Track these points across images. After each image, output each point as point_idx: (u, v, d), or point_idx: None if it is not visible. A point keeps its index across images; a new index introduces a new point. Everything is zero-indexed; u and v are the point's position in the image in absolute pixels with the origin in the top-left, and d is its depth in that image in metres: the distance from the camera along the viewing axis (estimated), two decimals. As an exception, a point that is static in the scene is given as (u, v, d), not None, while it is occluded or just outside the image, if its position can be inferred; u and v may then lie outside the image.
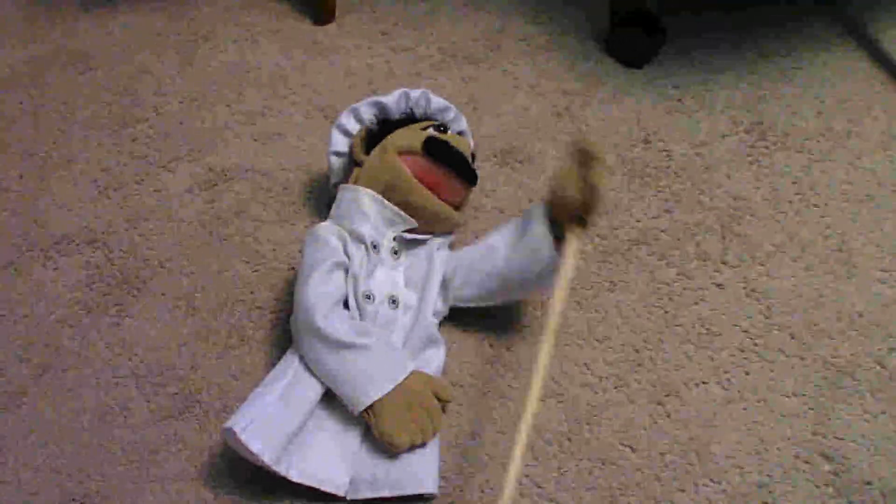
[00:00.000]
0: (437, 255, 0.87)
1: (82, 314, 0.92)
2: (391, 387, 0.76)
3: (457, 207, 0.91)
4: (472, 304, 0.86)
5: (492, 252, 0.84)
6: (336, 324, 0.77)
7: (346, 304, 0.82)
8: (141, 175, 1.04)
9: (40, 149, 1.10)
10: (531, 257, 0.80)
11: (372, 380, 0.76)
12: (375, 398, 0.75)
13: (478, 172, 0.91)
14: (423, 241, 0.88)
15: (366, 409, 0.76)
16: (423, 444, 0.76)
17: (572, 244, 0.78)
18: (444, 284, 0.85)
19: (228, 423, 0.73)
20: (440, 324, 0.86)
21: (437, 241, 0.89)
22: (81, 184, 1.05)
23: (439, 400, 0.78)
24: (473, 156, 0.92)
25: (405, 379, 0.76)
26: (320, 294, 0.79)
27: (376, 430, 0.75)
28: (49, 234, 0.99)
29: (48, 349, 0.89)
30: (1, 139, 1.12)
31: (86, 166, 1.07)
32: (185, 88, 1.15)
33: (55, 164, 1.07)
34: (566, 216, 0.78)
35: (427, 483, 0.75)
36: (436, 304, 0.84)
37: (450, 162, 0.88)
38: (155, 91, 1.15)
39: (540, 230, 0.80)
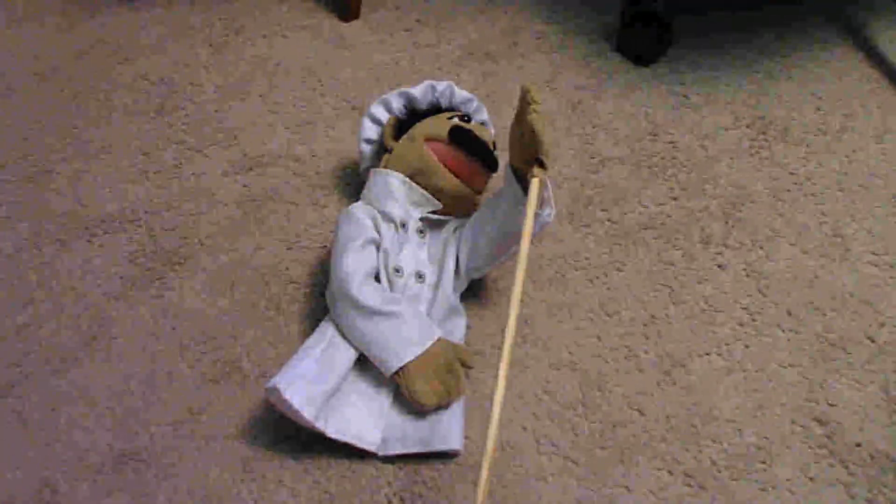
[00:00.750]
0: (452, 235, 0.93)
1: (127, 288, 0.98)
2: (420, 351, 0.82)
3: (479, 192, 0.98)
4: (486, 269, 0.91)
5: (482, 220, 0.90)
6: (369, 293, 0.84)
7: (377, 278, 0.88)
8: (179, 159, 1.11)
9: (83, 134, 1.16)
10: (510, 210, 0.85)
11: (403, 344, 0.82)
12: (406, 361, 0.82)
13: (498, 159, 0.98)
14: (445, 222, 0.94)
15: (397, 372, 0.82)
16: (448, 405, 0.83)
17: (534, 187, 0.80)
18: (458, 260, 0.92)
19: (272, 382, 0.79)
20: (462, 298, 0.92)
21: (457, 222, 0.95)
22: (123, 167, 1.11)
23: (463, 365, 0.84)
24: (494, 144, 0.99)
25: (432, 344, 0.83)
26: (355, 266, 0.85)
27: (406, 391, 0.82)
28: (93, 214, 1.06)
29: (96, 320, 0.95)
30: (45, 125, 1.18)
31: (126, 150, 1.13)
32: (219, 79, 1.21)
33: (97, 148, 1.14)
34: (521, 162, 0.83)
35: (453, 440, 0.81)
36: (454, 278, 0.91)
37: (473, 149, 0.94)
38: (190, 81, 1.21)
39: (508, 185, 0.86)
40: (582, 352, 0.89)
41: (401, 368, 0.82)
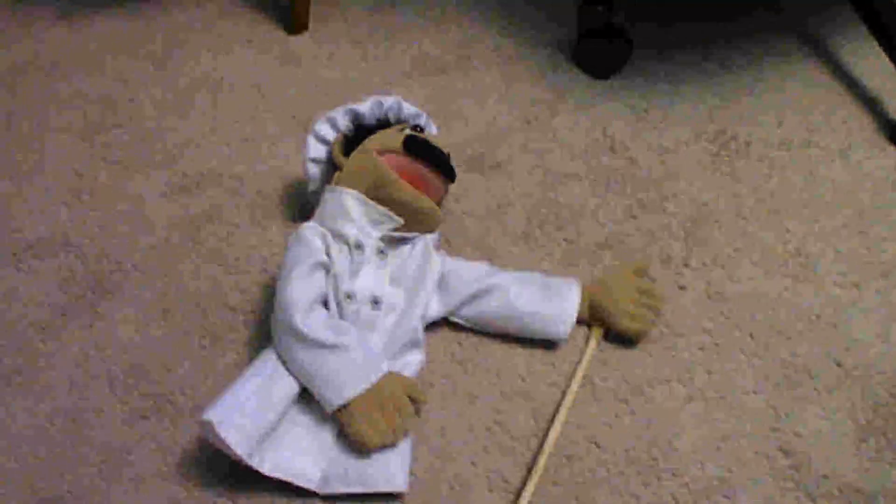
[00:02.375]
0: (434, 255, 0.88)
1: (55, 317, 0.92)
2: (364, 387, 0.77)
3: (437, 204, 0.93)
4: (466, 324, 0.88)
5: (508, 294, 0.87)
6: (313, 323, 0.79)
7: (326, 304, 0.83)
8: (115, 180, 1.05)
9: (13, 155, 1.10)
10: (546, 325, 0.86)
11: (346, 380, 0.77)
12: (348, 398, 0.76)
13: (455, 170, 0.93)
14: (409, 240, 0.89)
15: (338, 409, 0.77)
16: (393, 445, 0.77)
17: (593, 341, 0.87)
18: (444, 287, 0.87)
19: (206, 415, 0.74)
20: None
21: (428, 237, 0.89)
22: (55, 189, 1.05)
23: (412, 401, 0.79)
24: (448, 155, 0.94)
25: (379, 380, 0.78)
26: (299, 293, 0.80)
27: (348, 430, 0.76)
28: (22, 238, 1.00)
29: (21, 352, 0.89)
30: (-26, 145, 1.12)
31: (59, 172, 1.07)
32: (159, 96, 1.16)
33: (29, 169, 1.08)
34: (600, 323, 0.88)
35: (397, 481, 0.76)
36: (429, 305, 0.86)
37: (430, 157, 0.90)
38: (129, 98, 1.16)
39: (570, 309, 0.87)
40: (535, 379, 0.85)
41: (343, 405, 0.77)
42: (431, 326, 0.88)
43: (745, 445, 0.79)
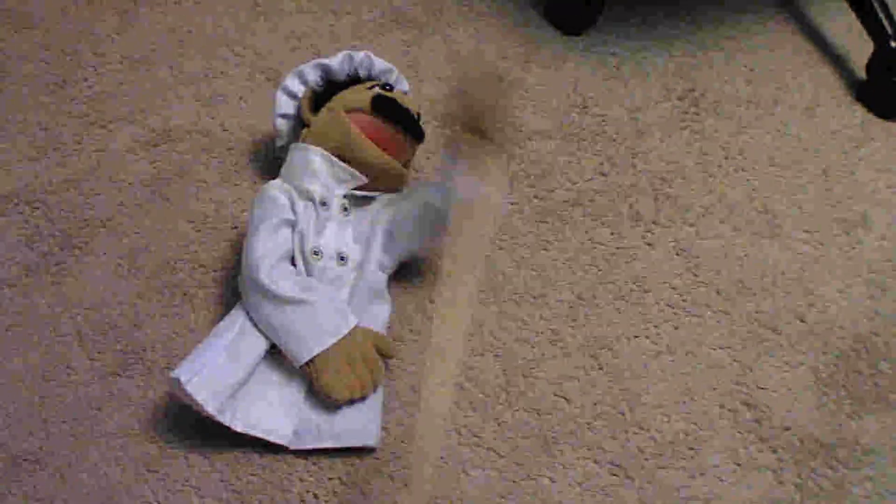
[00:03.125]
0: (380, 212, 0.88)
1: (23, 275, 0.91)
2: (332, 341, 0.77)
3: (405, 165, 0.93)
4: (420, 253, 0.89)
5: (417, 199, 0.88)
6: (279, 279, 0.79)
7: (293, 261, 0.83)
8: (81, 135, 1.04)
9: (-25, 109, 1.08)
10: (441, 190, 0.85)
11: (313, 334, 0.77)
12: (316, 353, 0.77)
13: (424, 129, 0.93)
14: (372, 199, 0.89)
15: (307, 363, 0.77)
16: (363, 398, 0.78)
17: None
18: (390, 237, 0.87)
19: (175, 373, 0.74)
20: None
21: (385, 198, 0.90)
22: (19, 143, 1.03)
23: (381, 355, 0.80)
24: (419, 114, 0.94)
25: (347, 334, 0.78)
26: (265, 250, 0.80)
27: (316, 384, 0.77)
28: (-13, 194, 0.99)
29: (-12, 309, 0.89)
30: (-66, 98, 1.10)
31: (23, 126, 1.05)
32: (126, 49, 1.14)
33: (-9, 123, 1.06)
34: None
35: (368, 436, 0.77)
36: (380, 258, 0.86)
37: (398, 118, 0.89)
38: (94, 51, 1.14)
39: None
40: (506, 335, 0.86)
41: (311, 360, 0.77)
42: (402, 282, 0.88)
43: (709, 399, 0.81)
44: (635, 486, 0.76)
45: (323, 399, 0.78)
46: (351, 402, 0.78)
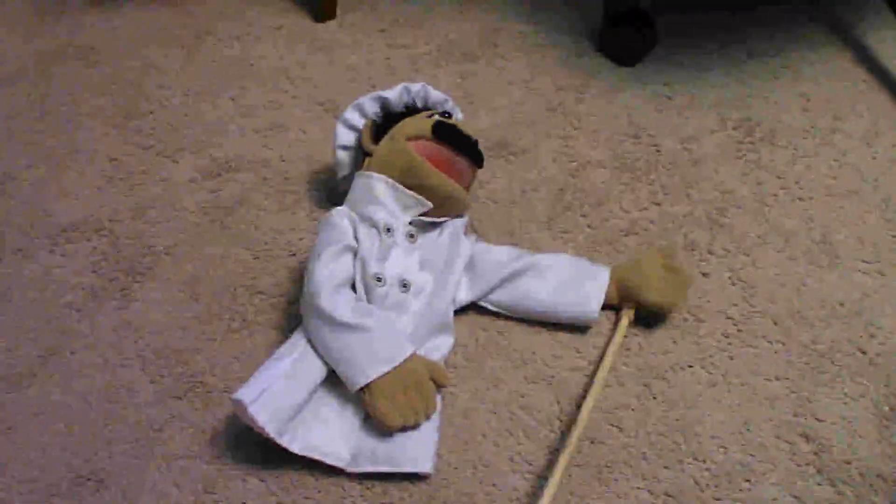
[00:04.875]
0: (464, 239, 0.89)
1: (89, 299, 0.94)
2: (387, 368, 0.78)
3: (466, 190, 0.94)
4: (495, 309, 0.89)
5: (538, 277, 0.89)
6: (338, 305, 0.80)
7: (355, 287, 0.84)
8: (146, 165, 1.07)
9: (48, 140, 1.12)
10: (576, 305, 0.87)
11: (369, 361, 0.79)
12: (371, 378, 0.78)
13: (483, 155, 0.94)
14: (439, 224, 0.90)
15: (362, 389, 0.78)
16: (415, 426, 0.79)
17: (625, 319, 0.87)
18: (474, 271, 0.88)
19: (236, 395, 0.76)
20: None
21: (457, 222, 0.91)
22: (88, 173, 1.07)
23: (437, 384, 0.81)
24: (476, 141, 0.95)
25: (403, 361, 0.79)
26: (326, 275, 0.82)
27: (371, 409, 0.78)
28: (56, 222, 1.02)
29: (56, 332, 0.91)
30: (9, 130, 1.14)
31: (92, 156, 1.09)
32: (189, 82, 1.18)
33: (62, 154, 1.10)
34: (628, 303, 0.88)
35: (423, 462, 0.78)
36: (459, 290, 0.87)
37: (459, 143, 0.91)
38: (159, 84, 1.18)
39: (599, 288, 0.88)
40: (559, 364, 0.86)
41: (366, 386, 0.78)
42: (458, 310, 0.89)
43: (766, 431, 0.80)
44: (690, 518, 0.75)
45: (376, 425, 0.78)
46: (404, 428, 0.78)
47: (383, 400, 0.78)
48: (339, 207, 0.88)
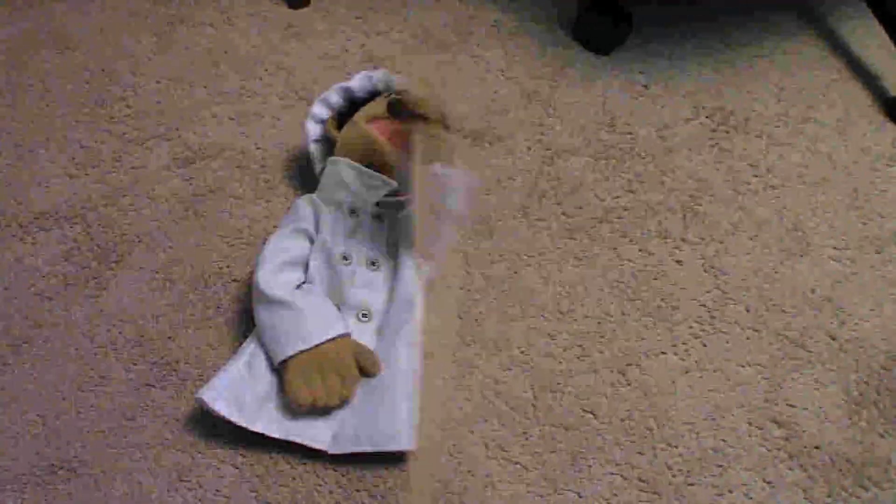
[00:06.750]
0: (409, 217, 0.89)
1: (61, 287, 0.93)
2: (303, 347, 0.79)
3: None
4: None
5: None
6: (274, 282, 0.82)
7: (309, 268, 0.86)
8: (119, 153, 1.06)
9: (19, 127, 1.11)
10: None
11: (292, 337, 0.80)
12: (287, 355, 0.79)
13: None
14: (405, 204, 0.90)
15: (281, 364, 0.80)
16: (325, 408, 0.79)
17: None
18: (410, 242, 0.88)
19: (198, 394, 0.78)
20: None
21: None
22: (60, 161, 1.06)
23: (363, 371, 0.81)
24: (446, 117, 0.95)
25: (323, 342, 0.80)
26: (270, 253, 0.84)
27: (284, 385, 0.79)
28: (28, 210, 1.01)
29: (28, 322, 0.90)
30: (-21, 117, 1.13)
31: (64, 144, 1.08)
32: (162, 69, 1.17)
33: (34, 141, 1.09)
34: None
35: (403, 440, 0.77)
36: (412, 269, 0.87)
37: (414, 116, 0.90)
38: (132, 71, 1.16)
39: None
40: (534, 351, 0.86)
41: (283, 361, 0.79)
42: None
43: (738, 416, 0.81)
44: (663, 503, 0.76)
45: (364, 404, 0.79)
46: (325, 410, 0.79)
47: (296, 378, 0.79)
48: (307, 194, 0.90)
